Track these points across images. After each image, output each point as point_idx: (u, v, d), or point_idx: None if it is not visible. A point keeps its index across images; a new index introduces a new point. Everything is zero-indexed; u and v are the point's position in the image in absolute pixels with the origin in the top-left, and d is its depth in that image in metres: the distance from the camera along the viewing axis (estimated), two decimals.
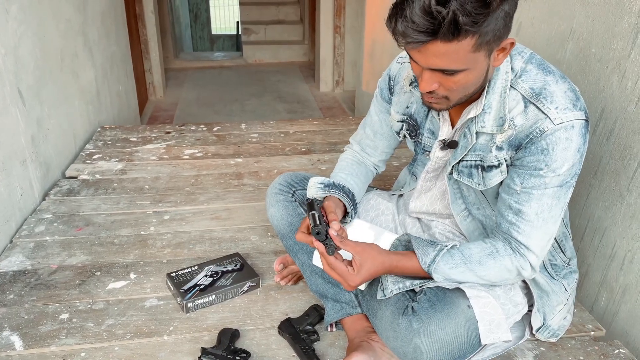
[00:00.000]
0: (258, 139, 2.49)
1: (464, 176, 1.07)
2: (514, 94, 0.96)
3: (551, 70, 0.96)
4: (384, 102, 1.24)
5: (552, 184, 0.94)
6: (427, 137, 1.15)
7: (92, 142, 2.38)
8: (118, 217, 1.72)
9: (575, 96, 0.94)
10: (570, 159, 0.93)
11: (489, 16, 0.80)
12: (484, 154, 1.01)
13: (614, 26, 1.24)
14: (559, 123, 0.91)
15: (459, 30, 0.80)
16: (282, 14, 6.98)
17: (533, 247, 0.99)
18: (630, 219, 1.22)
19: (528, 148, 0.94)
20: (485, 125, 0.98)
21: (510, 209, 0.99)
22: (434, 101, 0.96)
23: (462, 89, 0.92)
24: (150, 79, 4.83)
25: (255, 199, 1.87)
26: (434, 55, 0.85)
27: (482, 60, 0.88)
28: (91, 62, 2.60)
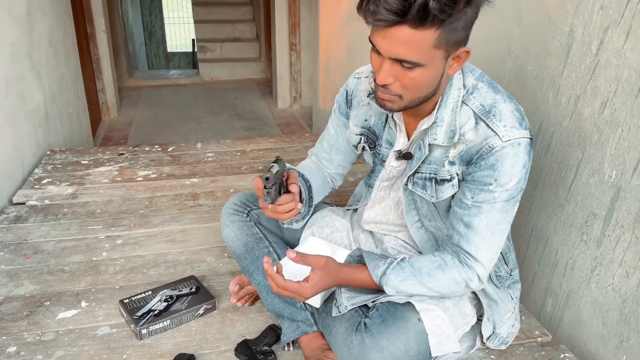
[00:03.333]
0: (214, 158, 2.48)
1: (418, 187, 1.11)
2: (466, 109, 1.01)
3: (500, 90, 1.03)
4: (341, 116, 1.27)
5: (501, 198, 0.99)
6: (385, 147, 1.18)
7: (41, 166, 2.31)
8: (68, 243, 1.67)
9: (521, 116, 1.00)
10: (517, 174, 0.98)
11: (454, 12, 0.85)
12: (437, 168, 1.06)
13: (547, 45, 1.32)
14: (506, 140, 0.96)
15: (427, 15, 0.84)
16: (237, 32, 6.99)
17: (481, 258, 1.03)
18: (569, 228, 1.29)
19: (478, 164, 0.99)
20: (437, 137, 1.03)
21: (462, 221, 1.03)
22: (387, 98, 0.99)
23: (416, 88, 0.96)
24: (103, 98, 4.74)
25: (211, 219, 1.86)
26: (398, 42, 0.88)
27: (439, 61, 0.92)
28: (39, 85, 2.54)
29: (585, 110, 1.20)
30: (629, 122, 1.08)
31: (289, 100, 5.31)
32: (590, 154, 1.20)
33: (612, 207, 1.14)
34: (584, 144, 1.21)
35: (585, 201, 1.22)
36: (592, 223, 1.21)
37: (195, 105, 5.42)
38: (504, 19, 1.50)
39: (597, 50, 1.15)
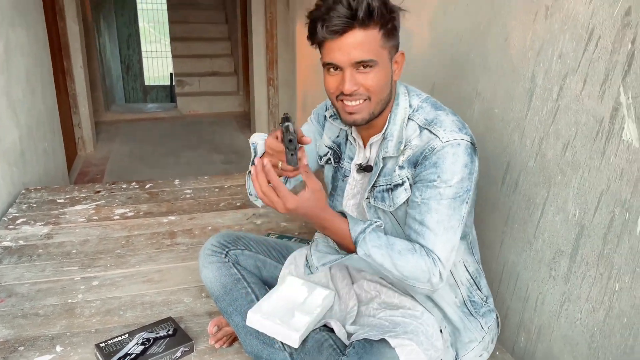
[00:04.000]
0: (192, 195, 2.49)
1: (378, 201, 1.18)
2: (412, 124, 1.13)
3: (443, 108, 1.15)
4: (318, 125, 1.35)
5: (447, 195, 1.07)
6: (347, 162, 1.27)
7: (16, 205, 2.29)
8: (43, 285, 1.65)
9: (462, 125, 1.11)
10: (458, 172, 1.07)
11: (389, 15, 1.04)
12: (391, 177, 1.15)
13: (511, 90, 1.39)
14: (446, 141, 1.07)
15: (372, 13, 1.01)
16: (216, 66, 7.08)
17: (439, 253, 1.07)
18: (538, 264, 1.33)
19: (423, 164, 1.09)
20: (388, 150, 1.15)
21: (415, 219, 1.10)
22: (356, 108, 1.10)
23: (378, 88, 1.09)
24: (79, 133, 4.72)
25: (189, 258, 1.86)
26: (354, 46, 1.03)
27: (387, 61, 1.09)
28: (15, 122, 2.53)
29: (549, 152, 1.26)
30: (589, 164, 1.14)
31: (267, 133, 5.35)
32: (555, 193, 1.25)
33: (577, 245, 1.19)
34: (549, 184, 1.27)
35: (552, 238, 1.27)
36: (559, 259, 1.26)
37: (173, 139, 5.43)
38: (472, 63, 1.57)
39: (557, 95, 1.22)
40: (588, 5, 1.12)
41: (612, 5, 1.06)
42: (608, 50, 1.07)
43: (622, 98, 1.04)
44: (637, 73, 1.01)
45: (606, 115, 1.09)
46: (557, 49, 1.21)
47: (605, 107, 1.09)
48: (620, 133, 1.06)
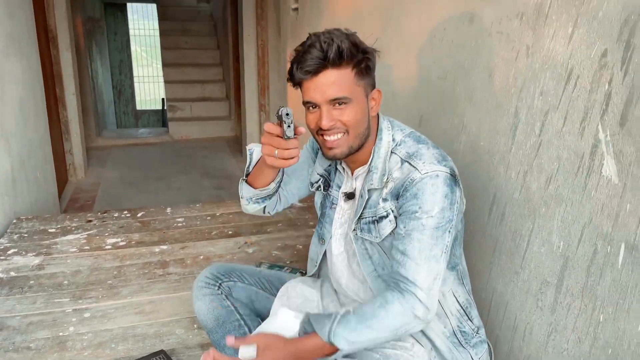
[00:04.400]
0: (184, 223, 2.50)
1: (365, 232, 1.22)
2: (395, 158, 1.19)
3: (425, 142, 1.21)
4: (312, 152, 1.41)
5: (429, 225, 1.10)
6: (335, 190, 1.33)
7: (7, 235, 2.28)
8: (34, 318, 1.65)
9: (442, 157, 1.16)
10: (439, 202, 1.11)
11: (360, 55, 1.12)
12: (375, 209, 1.19)
13: (496, 124, 1.43)
14: (424, 173, 1.13)
15: (342, 55, 1.09)
16: (207, 92, 7.14)
17: (420, 282, 1.09)
18: (525, 294, 1.36)
19: (404, 195, 1.14)
20: (373, 182, 1.20)
21: (398, 250, 1.13)
22: (335, 142, 1.16)
23: (355, 123, 1.15)
24: (70, 159, 4.72)
25: (181, 288, 1.86)
26: (328, 84, 1.11)
27: (363, 98, 1.15)
28: (7, 152, 2.55)
29: (533, 185, 1.30)
30: (572, 198, 1.18)
31: None
32: (540, 225, 1.29)
33: (562, 276, 1.22)
34: (534, 216, 1.30)
35: (538, 269, 1.30)
36: (545, 290, 1.28)
37: (165, 164, 5.45)
38: (457, 97, 1.62)
39: (539, 131, 1.27)
40: (567, 46, 1.17)
41: (590, 47, 1.11)
42: (586, 89, 1.12)
43: (601, 135, 1.09)
44: (614, 112, 1.05)
45: (586, 151, 1.13)
46: (538, 87, 1.26)
47: (585, 143, 1.13)
48: (600, 169, 1.10)
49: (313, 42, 1.10)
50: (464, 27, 1.56)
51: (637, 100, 0.99)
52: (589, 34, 1.11)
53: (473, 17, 1.51)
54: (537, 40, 1.26)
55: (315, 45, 1.09)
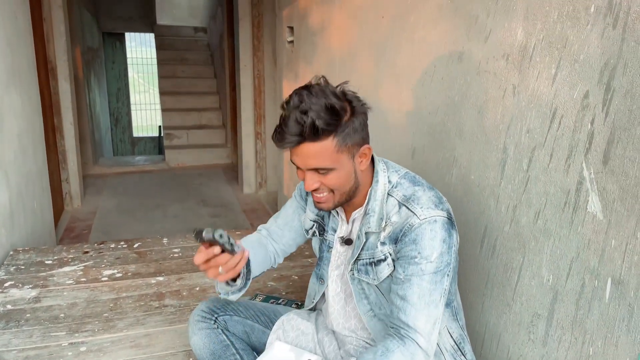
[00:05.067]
0: (180, 254, 2.52)
1: (362, 274, 1.24)
2: (392, 200, 1.21)
3: (421, 184, 1.23)
4: (301, 200, 1.44)
5: (428, 270, 1.12)
6: (331, 234, 1.35)
7: (4, 267, 2.29)
8: (31, 352, 1.65)
9: (439, 200, 1.18)
10: (437, 247, 1.13)
11: (340, 124, 1.10)
12: (373, 252, 1.21)
13: (486, 159, 1.48)
14: (423, 218, 1.14)
15: (318, 132, 1.08)
16: (204, 120, 7.22)
17: (419, 328, 1.11)
18: (518, 326, 1.38)
19: (403, 240, 1.15)
20: (371, 226, 1.22)
21: (397, 295, 1.15)
22: (322, 199, 1.20)
23: (339, 186, 1.17)
24: (67, 188, 4.74)
25: (177, 321, 1.87)
26: (308, 155, 1.12)
27: (347, 161, 1.15)
28: (6, 185, 2.57)
29: (522, 219, 1.33)
30: (559, 233, 1.21)
31: (255, 186, 5.44)
32: (530, 258, 1.32)
33: (552, 309, 1.25)
34: (524, 249, 1.34)
35: (530, 302, 1.33)
36: (537, 323, 1.31)
37: (161, 192, 5.47)
38: (448, 132, 1.67)
39: (527, 167, 1.31)
40: (550, 87, 1.22)
41: (572, 88, 1.16)
42: (570, 128, 1.16)
43: (585, 173, 1.13)
44: (597, 151, 1.09)
45: (572, 188, 1.17)
46: (525, 124, 1.31)
47: (570, 180, 1.17)
48: (586, 205, 1.13)
49: (288, 117, 1.10)
50: (454, 65, 1.62)
51: (619, 140, 1.04)
52: (571, 75, 1.16)
53: (462, 56, 1.57)
54: (523, 80, 1.31)
55: (289, 121, 1.09)
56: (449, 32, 1.64)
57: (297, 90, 1.12)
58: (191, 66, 7.77)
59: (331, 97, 1.11)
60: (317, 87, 1.12)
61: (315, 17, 3.13)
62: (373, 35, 2.27)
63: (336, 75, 2.84)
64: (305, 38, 3.36)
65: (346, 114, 1.12)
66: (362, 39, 2.40)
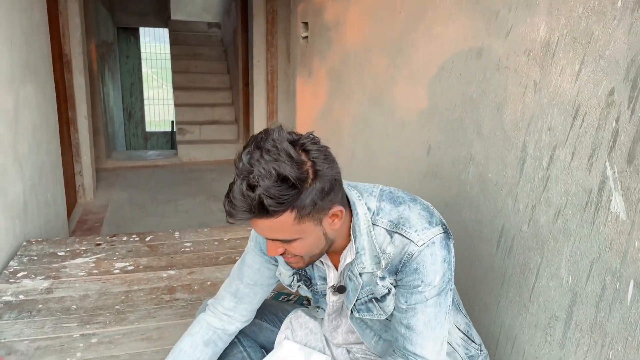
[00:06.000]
0: (191, 248, 2.51)
1: (364, 313, 1.17)
2: (378, 230, 1.08)
3: (402, 200, 1.10)
4: (264, 255, 1.25)
5: (431, 294, 1.07)
6: (321, 284, 1.24)
7: (17, 258, 2.30)
8: (42, 342, 1.66)
9: (429, 213, 1.09)
10: (439, 270, 1.06)
11: (298, 195, 0.92)
12: (372, 288, 1.13)
13: (504, 157, 1.45)
14: (422, 244, 1.04)
15: (267, 210, 0.91)
16: (217, 115, 7.22)
17: (428, 355, 1.09)
18: (534, 328, 1.35)
19: (403, 271, 1.07)
20: (365, 265, 1.10)
21: (402, 324, 1.10)
22: (292, 261, 1.08)
23: (306, 251, 1.04)
24: (80, 181, 4.77)
25: (188, 315, 1.86)
26: (263, 228, 0.97)
27: (313, 228, 0.99)
28: (20, 176, 2.58)
29: (541, 219, 1.31)
30: (580, 233, 1.18)
31: None
32: (549, 259, 1.29)
33: (570, 311, 1.22)
34: (542, 250, 1.31)
35: (547, 303, 1.30)
36: (554, 325, 1.28)
37: (173, 187, 5.48)
38: (466, 129, 1.64)
39: (547, 165, 1.28)
40: (574, 84, 1.19)
41: (597, 85, 1.13)
42: (594, 126, 1.13)
43: (609, 172, 1.10)
44: (621, 150, 1.06)
45: (594, 187, 1.14)
46: (546, 122, 1.28)
47: (593, 179, 1.14)
48: (609, 205, 1.10)
49: (234, 189, 0.92)
50: (472, 61, 1.59)
51: None
52: (595, 72, 1.13)
53: (481, 52, 1.54)
54: (545, 76, 1.28)
55: (236, 193, 0.91)
56: (468, 28, 1.61)
57: (249, 148, 0.93)
58: (204, 61, 7.78)
59: (286, 164, 0.90)
60: (271, 144, 0.92)
61: (331, 12, 3.11)
62: (389, 30, 2.24)
63: (351, 71, 2.82)
64: (320, 33, 3.34)
65: (306, 182, 0.93)
66: (378, 34, 2.38)
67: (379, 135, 2.43)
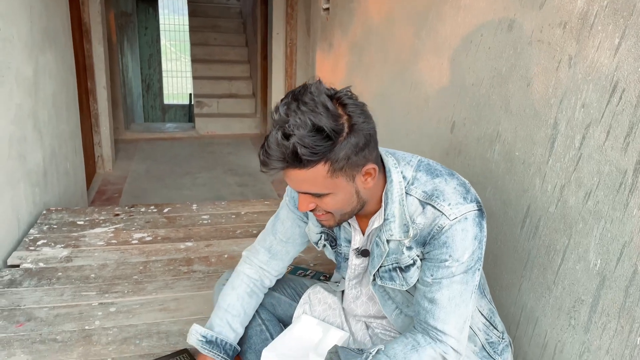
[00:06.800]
0: (209, 220, 2.51)
1: (386, 281, 1.15)
2: (411, 200, 1.07)
3: (439, 173, 1.09)
4: (296, 210, 1.28)
5: (459, 271, 1.05)
6: (345, 246, 1.23)
7: (37, 226, 2.32)
8: (62, 310, 1.67)
9: (465, 189, 1.06)
10: (469, 247, 1.04)
11: (332, 148, 0.92)
12: (397, 257, 1.11)
13: (533, 134, 1.40)
14: (454, 218, 1.02)
15: (301, 160, 0.92)
16: (234, 89, 7.18)
17: (450, 331, 1.06)
18: (558, 311, 1.32)
19: (432, 243, 1.05)
20: (393, 233, 1.09)
21: (425, 297, 1.08)
22: (322, 218, 1.08)
23: (337, 208, 1.04)
24: (99, 152, 4.80)
25: (205, 287, 1.87)
26: (296, 180, 0.97)
27: (345, 184, 0.99)
28: (40, 144, 2.59)
29: (570, 199, 1.26)
30: (612, 215, 1.14)
31: None
32: (576, 241, 1.25)
33: (597, 295, 1.18)
34: (570, 231, 1.26)
35: (573, 286, 1.26)
36: (579, 308, 1.24)
37: (190, 160, 5.49)
38: (493, 105, 1.58)
39: (579, 144, 1.23)
40: (612, 58, 1.13)
41: (637, 60, 1.07)
42: (632, 104, 1.08)
43: None
44: None
45: (629, 168, 1.09)
46: (580, 98, 1.22)
47: (628, 159, 1.09)
48: None
49: (270, 138, 0.93)
50: (503, 34, 1.52)
51: None
52: (636, 46, 1.06)
53: (512, 24, 1.48)
54: (581, 50, 1.22)
55: (271, 142, 0.92)
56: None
57: (286, 100, 0.94)
58: (223, 34, 7.71)
59: (322, 115, 0.90)
60: (309, 97, 0.92)
61: None
62: (414, 1, 2.17)
63: (373, 45, 2.75)
64: (342, 5, 3.26)
65: (341, 135, 0.93)
66: (403, 5, 2.30)
67: (400, 110, 2.38)
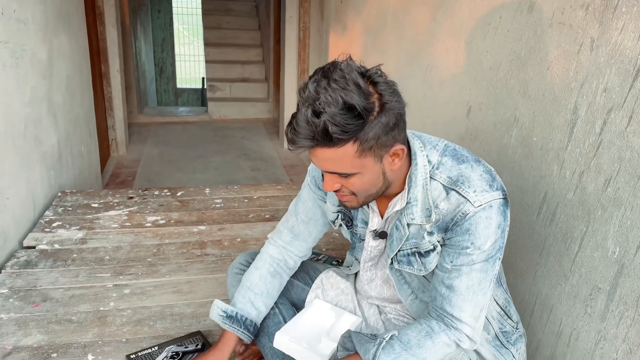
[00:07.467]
0: (222, 204, 2.52)
1: (404, 265, 1.14)
2: (435, 184, 1.05)
3: (465, 159, 1.06)
4: (318, 190, 1.28)
5: (479, 259, 1.03)
6: (362, 227, 1.22)
7: (52, 208, 2.35)
8: (77, 291, 1.69)
9: (491, 177, 1.04)
10: (492, 235, 1.02)
11: (362, 126, 0.91)
12: (417, 241, 1.10)
13: (552, 119, 1.37)
14: (478, 205, 1.00)
15: (331, 138, 0.90)
16: (247, 73, 7.15)
17: (466, 319, 1.05)
18: (574, 299, 1.30)
19: (454, 230, 1.03)
20: (414, 217, 1.07)
21: (443, 284, 1.07)
22: (345, 199, 1.06)
23: (362, 189, 1.02)
24: (113, 135, 4.82)
25: (218, 270, 1.87)
26: (324, 160, 0.96)
27: (373, 165, 0.98)
28: (54, 127, 2.61)
29: (589, 186, 1.24)
30: (632, 202, 1.11)
31: None
32: (595, 228, 1.22)
33: (615, 283, 1.16)
34: (588, 218, 1.24)
35: (590, 274, 1.25)
36: (596, 296, 1.23)
37: (203, 144, 5.50)
38: (510, 89, 1.55)
39: (600, 129, 1.20)
40: (637, 41, 1.09)
41: None
42: None
43: None
44: None
45: None
46: (602, 83, 1.19)
47: None
48: None
49: (299, 116, 0.91)
50: (522, 16, 1.49)
51: None
52: None
53: (533, 6, 1.44)
54: (604, 33, 1.18)
55: (300, 120, 0.91)
56: None
57: (316, 77, 0.92)
58: (236, 17, 7.66)
59: (353, 93, 0.89)
60: (339, 74, 0.90)
61: None
62: None
63: (387, 27, 2.71)
64: None
65: (372, 114, 0.91)
66: None
67: (415, 94, 2.34)
